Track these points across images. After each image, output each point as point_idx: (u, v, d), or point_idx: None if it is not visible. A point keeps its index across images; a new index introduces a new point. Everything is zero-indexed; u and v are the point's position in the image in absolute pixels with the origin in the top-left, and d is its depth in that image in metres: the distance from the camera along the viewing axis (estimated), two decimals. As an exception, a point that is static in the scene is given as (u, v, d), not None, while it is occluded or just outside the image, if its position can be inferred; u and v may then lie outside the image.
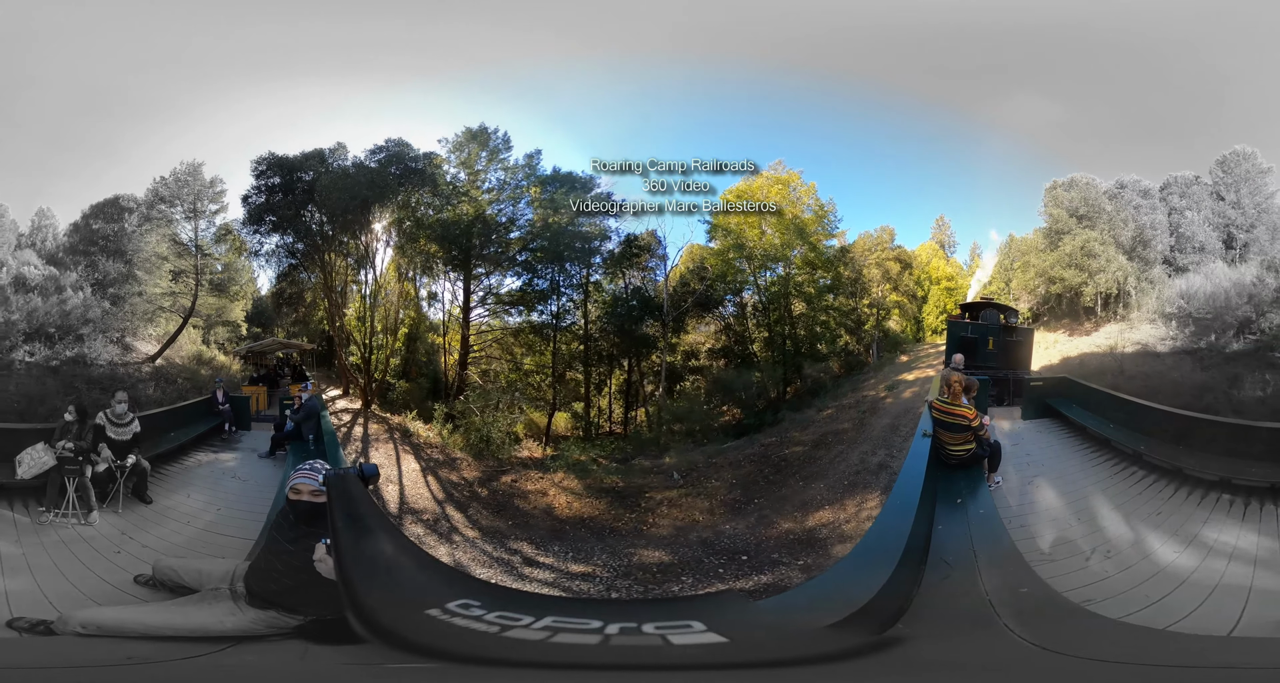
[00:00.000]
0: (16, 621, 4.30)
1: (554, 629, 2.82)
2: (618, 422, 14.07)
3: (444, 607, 2.92)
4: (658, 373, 14.07)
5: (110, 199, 11.26)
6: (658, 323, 13.94)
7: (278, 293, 12.31)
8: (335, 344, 11.88)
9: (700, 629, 2.79)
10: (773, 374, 15.05)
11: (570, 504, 8.94)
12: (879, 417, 12.75)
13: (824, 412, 13.82)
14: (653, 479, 10.43)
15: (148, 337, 11.36)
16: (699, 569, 7.72)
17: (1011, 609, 2.98)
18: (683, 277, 14.31)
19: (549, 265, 12.70)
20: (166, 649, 3.46)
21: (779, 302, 15.19)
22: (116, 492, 6.85)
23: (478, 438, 10.52)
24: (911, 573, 3.65)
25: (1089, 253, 13.04)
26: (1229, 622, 4.31)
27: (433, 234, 11.97)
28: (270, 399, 11.86)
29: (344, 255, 11.60)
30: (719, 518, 9.33)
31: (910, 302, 16.67)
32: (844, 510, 9.36)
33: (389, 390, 12.03)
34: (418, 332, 12.73)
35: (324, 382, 12.42)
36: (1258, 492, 6.25)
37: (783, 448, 12.19)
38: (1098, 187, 13.50)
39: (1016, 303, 14.22)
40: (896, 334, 16.69)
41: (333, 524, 3.44)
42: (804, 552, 8.31)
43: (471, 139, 12.59)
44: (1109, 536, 5.92)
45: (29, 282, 10.56)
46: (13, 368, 9.66)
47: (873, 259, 16.09)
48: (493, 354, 12.67)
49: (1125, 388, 9.91)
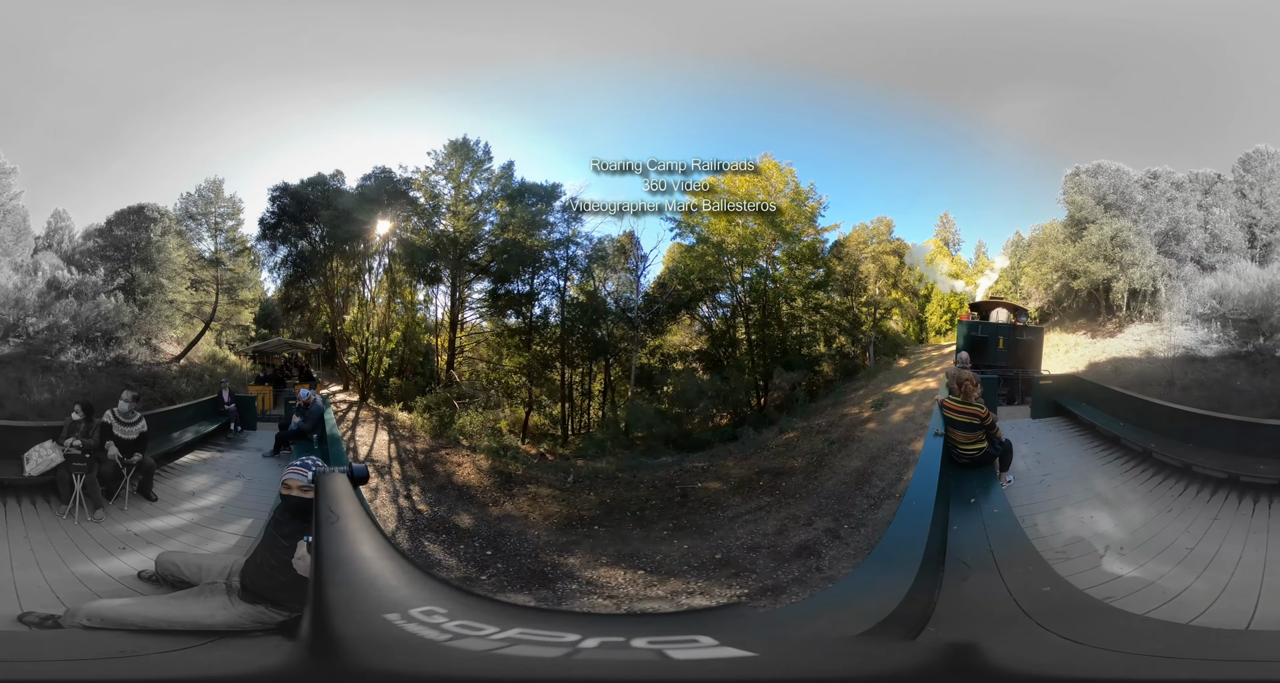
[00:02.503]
0: (27, 615, 4.35)
1: (511, 640, 2.52)
2: (594, 421, 14.09)
3: (405, 612, 2.66)
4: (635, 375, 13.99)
5: (135, 208, 12.12)
6: (624, 325, 13.64)
7: (284, 298, 13.38)
8: (337, 345, 13.12)
9: (710, 644, 2.48)
10: (740, 383, 13.58)
11: (469, 476, 10.31)
12: (848, 453, 10.40)
13: (787, 434, 11.92)
14: (547, 475, 10.75)
15: (168, 339, 12.28)
16: (456, 550, 8.33)
17: (1038, 607, 2.95)
18: (659, 278, 14.03)
19: (517, 274, 13.48)
20: (158, 643, 3.49)
21: (760, 301, 14.01)
22: (123, 489, 6.85)
23: (437, 421, 11.82)
24: (931, 576, 3.58)
25: (1122, 243, 11.86)
26: (1242, 617, 4.34)
27: (414, 251, 13.04)
28: (276, 399, 12.03)
29: (344, 266, 12.94)
30: (548, 530, 9.17)
31: (911, 299, 15.31)
32: (671, 590, 7.11)
33: (384, 386, 13.07)
34: (413, 334, 13.59)
35: (327, 378, 13.43)
36: (1266, 488, 6.25)
37: (700, 479, 10.33)
38: (1129, 174, 12.53)
39: (1027, 302, 13.46)
40: (896, 335, 15.34)
41: (315, 521, 3.44)
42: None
43: (455, 152, 13.44)
44: (1121, 533, 5.92)
45: (62, 285, 11.22)
46: (66, 369, 10.46)
47: (868, 253, 14.60)
48: (481, 355, 13.67)
49: (1181, 399, 9.05)
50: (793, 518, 8.62)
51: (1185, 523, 6.05)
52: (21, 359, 10.46)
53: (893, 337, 15.24)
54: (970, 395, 6.23)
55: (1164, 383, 10.17)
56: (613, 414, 13.53)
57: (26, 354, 10.53)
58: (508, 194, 13.32)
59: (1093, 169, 12.61)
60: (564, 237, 13.21)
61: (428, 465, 10.20)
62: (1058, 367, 11.90)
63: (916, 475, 5.46)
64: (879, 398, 12.45)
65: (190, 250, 12.56)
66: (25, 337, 10.63)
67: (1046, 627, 2.71)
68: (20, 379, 10.20)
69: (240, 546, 6.05)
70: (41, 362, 10.52)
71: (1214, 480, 6.62)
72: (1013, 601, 3.12)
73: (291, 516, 4.04)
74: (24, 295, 10.91)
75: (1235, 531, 5.77)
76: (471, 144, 13.49)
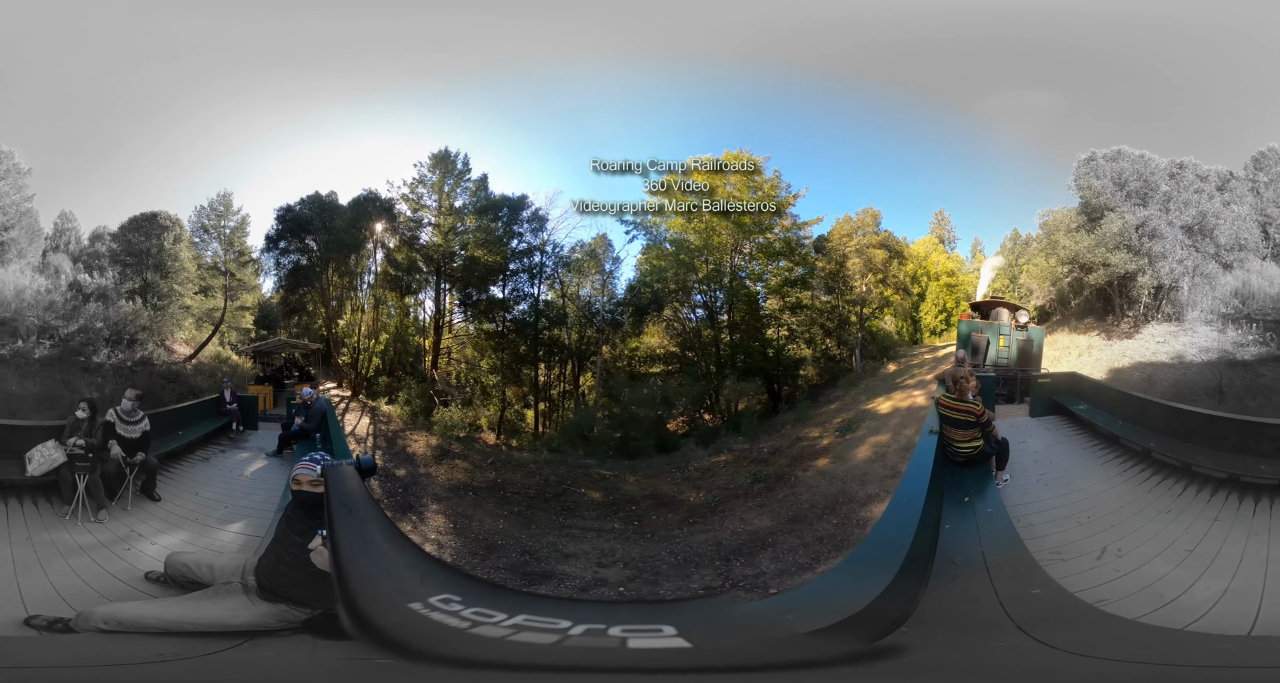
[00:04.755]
0: (34, 618, 4.32)
1: (519, 627, 2.79)
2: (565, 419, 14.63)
3: (426, 601, 2.89)
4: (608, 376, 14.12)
5: (149, 215, 13.05)
6: (591, 329, 13.77)
7: (283, 301, 14.57)
8: (332, 347, 14.56)
9: (670, 633, 2.75)
10: (691, 391, 12.79)
11: (417, 448, 12.25)
12: (765, 503, 8.37)
13: (718, 457, 10.79)
14: (474, 455, 12.11)
15: (177, 341, 13.30)
16: (385, 488, 10.16)
17: (1024, 611, 2.92)
18: (629, 280, 13.98)
19: (480, 286, 14.48)
20: (194, 645, 3.45)
21: (730, 301, 13.21)
22: (126, 489, 6.87)
23: (410, 412, 13.57)
24: (916, 576, 3.56)
25: (1151, 232, 10.59)
26: (1245, 621, 4.26)
27: (395, 267, 14.35)
28: (276, 399, 12.25)
29: (338, 278, 14.39)
30: (443, 487, 10.66)
31: (903, 297, 14.12)
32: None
33: (374, 384, 14.45)
34: (404, 336, 14.83)
35: (324, 377, 14.74)
36: (1268, 489, 6.20)
37: (590, 486, 10.13)
38: (1154, 161, 11.41)
39: (1029, 298, 12.79)
40: (887, 336, 14.16)
41: (328, 515, 3.46)
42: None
43: (438, 164, 14.39)
44: (1119, 534, 5.87)
45: (84, 289, 11.92)
46: (103, 369, 11.21)
47: (852, 246, 13.33)
48: (465, 357, 14.95)
49: (1235, 411, 8.32)
50: (606, 555, 7.89)
51: (1185, 524, 5.98)
52: (60, 361, 11.04)
53: (883, 338, 14.12)
54: (966, 393, 6.23)
55: (1209, 392, 9.12)
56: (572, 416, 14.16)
57: (63, 356, 11.11)
58: (478, 208, 14.23)
59: (1112, 154, 11.58)
60: (531, 246, 14.07)
61: (392, 439, 12.46)
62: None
63: (908, 473, 5.43)
64: (850, 418, 10.87)
65: (201, 260, 13.74)
66: (58, 339, 11.13)
67: (1028, 632, 2.70)
68: (66, 380, 10.76)
69: (248, 545, 6.06)
70: (79, 363, 11.18)
71: (1214, 480, 6.54)
72: (998, 604, 3.10)
73: (303, 511, 4.04)
74: (54, 298, 11.51)
75: (1236, 532, 5.69)
76: (451, 156, 14.42)
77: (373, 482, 9.60)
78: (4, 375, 10.29)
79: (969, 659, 2.50)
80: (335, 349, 14.54)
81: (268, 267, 14.18)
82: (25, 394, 10.02)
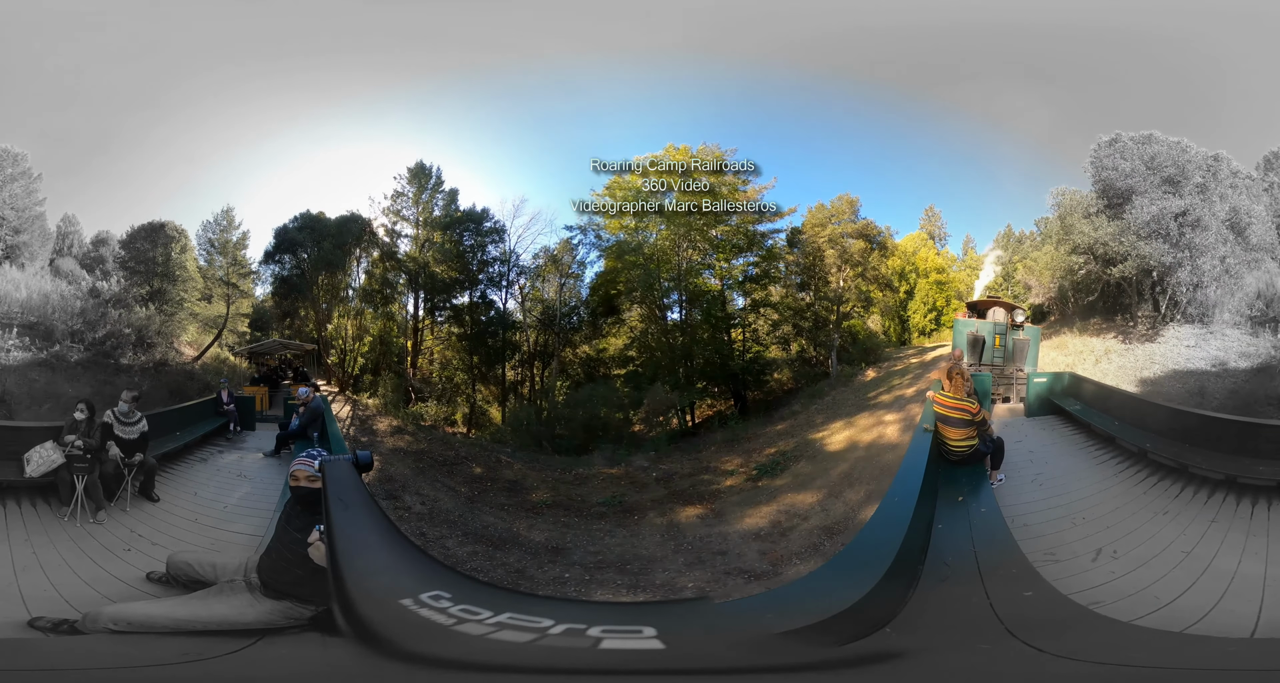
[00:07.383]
0: (38, 620, 4.32)
1: (501, 625, 2.80)
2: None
3: (417, 597, 2.91)
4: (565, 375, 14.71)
5: (157, 224, 13.94)
6: (550, 333, 14.27)
7: (277, 306, 15.82)
8: (322, 348, 15.85)
9: (649, 634, 2.74)
10: (623, 400, 12.42)
11: (382, 427, 14.14)
12: (548, 528, 9.35)
13: (611, 469, 11.07)
14: (424, 437, 13.84)
15: (182, 344, 14.31)
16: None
17: (1016, 613, 2.90)
18: (590, 283, 14.21)
19: (444, 294, 15.83)
20: (211, 645, 3.45)
21: (690, 301, 12.39)
22: (124, 490, 6.89)
23: (384, 402, 15.32)
24: (905, 576, 3.52)
25: (1194, 223, 9.22)
26: (1245, 622, 4.23)
27: (372, 280, 15.74)
28: (272, 400, 12.33)
29: (327, 288, 15.71)
30: (388, 453, 12.49)
31: (887, 293, 12.69)
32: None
33: (359, 381, 15.96)
34: (387, 338, 16.04)
35: (314, 375, 15.87)
36: (1265, 490, 6.19)
37: (498, 472, 11.56)
38: (1192, 149, 10.25)
39: (1026, 295, 12.12)
40: (869, 337, 12.79)
41: (325, 510, 3.48)
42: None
43: (414, 177, 15.49)
44: (1114, 536, 5.86)
45: (102, 294, 12.59)
46: (132, 371, 11.96)
47: (825, 236, 11.78)
48: (443, 357, 16.37)
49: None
50: (431, 502, 10.24)
51: (1182, 525, 5.96)
52: (92, 364, 11.65)
53: (865, 339, 12.67)
54: (961, 391, 6.22)
55: (1273, 401, 7.91)
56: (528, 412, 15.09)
57: (94, 359, 11.72)
58: (443, 224, 15.30)
59: (1142, 137, 10.23)
60: (490, 258, 15.28)
61: (365, 421, 14.37)
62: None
63: (901, 471, 5.39)
64: (786, 450, 9.07)
65: (204, 270, 14.94)
66: (88, 343, 11.73)
67: (1017, 635, 2.69)
68: (108, 380, 11.33)
69: (248, 544, 6.04)
70: (110, 366, 11.84)
71: (1211, 482, 6.52)
72: (989, 606, 3.08)
73: (302, 508, 4.07)
74: (80, 304, 12.18)
75: (1234, 534, 5.66)
76: (427, 169, 15.55)
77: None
78: (52, 380, 10.85)
79: (955, 663, 2.48)
80: (324, 350, 15.93)
81: (265, 277, 15.71)
82: (79, 396, 10.35)
